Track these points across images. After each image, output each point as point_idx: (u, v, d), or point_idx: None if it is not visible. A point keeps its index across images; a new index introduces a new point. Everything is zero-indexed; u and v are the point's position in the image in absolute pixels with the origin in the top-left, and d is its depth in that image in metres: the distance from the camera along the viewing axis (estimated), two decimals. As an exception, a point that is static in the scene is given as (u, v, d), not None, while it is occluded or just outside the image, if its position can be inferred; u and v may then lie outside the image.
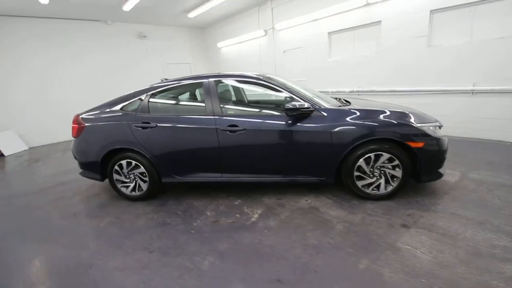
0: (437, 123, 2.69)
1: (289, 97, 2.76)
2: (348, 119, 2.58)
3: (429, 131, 2.53)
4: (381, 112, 2.61)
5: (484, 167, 3.29)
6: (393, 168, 2.59)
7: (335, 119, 2.60)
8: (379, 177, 2.65)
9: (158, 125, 2.89)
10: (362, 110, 2.66)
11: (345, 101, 3.11)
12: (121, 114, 3.05)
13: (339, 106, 2.79)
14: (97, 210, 3.11)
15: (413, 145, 2.48)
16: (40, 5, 5.99)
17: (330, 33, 6.24)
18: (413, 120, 2.56)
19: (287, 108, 2.55)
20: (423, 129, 2.50)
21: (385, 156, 2.54)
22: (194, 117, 2.89)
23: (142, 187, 3.11)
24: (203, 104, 2.90)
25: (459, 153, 3.78)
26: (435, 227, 2.20)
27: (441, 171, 2.64)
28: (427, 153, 2.52)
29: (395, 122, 2.53)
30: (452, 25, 4.43)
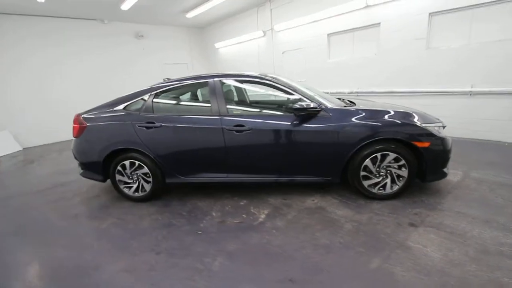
0: (440, 123, 2.72)
1: (295, 97, 2.76)
2: (354, 119, 2.60)
3: (434, 131, 2.56)
4: (386, 112, 2.63)
5: (485, 167, 3.35)
6: (399, 167, 2.60)
7: (341, 119, 2.61)
8: (385, 176, 2.66)
9: (162, 125, 2.85)
10: (367, 110, 2.68)
11: (349, 101, 3.13)
12: (124, 113, 3.00)
13: (344, 106, 2.80)
14: (98, 211, 3.05)
15: (419, 145, 2.50)
16: (37, 3, 5.88)
17: (329, 35, 6.28)
18: (418, 120, 2.58)
19: (295, 108, 2.54)
20: (428, 129, 2.53)
21: (392, 156, 2.56)
22: (200, 117, 2.87)
23: (145, 187, 3.06)
24: (208, 103, 2.88)
25: (459, 153, 3.81)
26: (443, 226, 2.22)
27: (446, 170, 2.67)
28: (433, 152, 2.54)
29: (402, 122, 2.55)
30: (450, 28, 4.50)
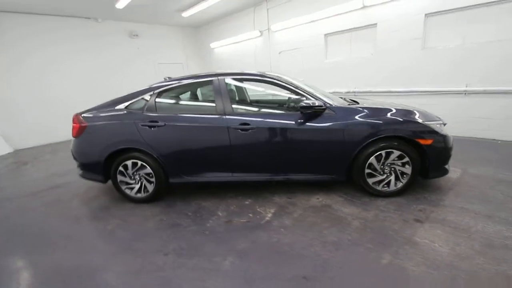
0: (441, 121, 2.78)
1: (299, 95, 2.78)
2: (359, 117, 2.63)
3: (437, 128, 2.61)
4: (389, 110, 2.67)
5: (482, 164, 3.43)
6: (402, 165, 2.65)
7: (346, 118, 2.64)
8: (389, 174, 2.70)
9: (166, 124, 2.82)
10: (371, 108, 2.71)
11: (351, 100, 3.16)
12: (126, 113, 2.95)
13: (348, 105, 2.83)
14: (100, 212, 2.99)
15: (423, 142, 2.55)
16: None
17: (326, 35, 6.33)
18: (421, 118, 2.63)
19: (302, 106, 2.55)
20: (431, 127, 2.58)
21: (396, 153, 2.60)
22: (204, 115, 2.84)
23: (148, 188, 3.01)
24: (212, 102, 2.86)
25: (456, 151, 3.84)
26: (447, 221, 2.27)
27: (447, 167, 2.73)
28: (435, 150, 2.60)
29: (405, 120, 2.60)
30: (446, 28, 4.60)
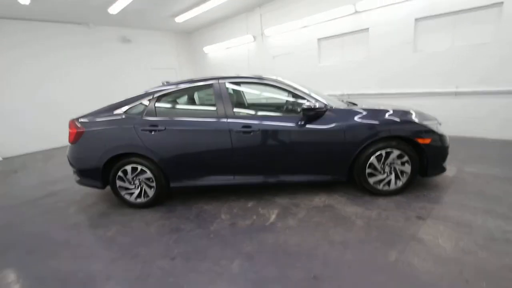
0: (436, 121, 2.87)
1: (301, 98, 2.82)
2: (359, 118, 2.68)
3: (434, 128, 2.69)
4: (388, 111, 2.74)
5: (476, 162, 3.55)
6: (402, 164, 2.71)
7: (347, 119, 2.69)
8: (389, 173, 2.76)
9: (167, 128, 2.80)
10: (371, 110, 2.77)
11: (350, 102, 3.22)
12: (125, 117, 2.91)
13: (347, 106, 2.89)
14: (99, 219, 2.91)
15: (421, 141, 2.62)
16: (19, 5, 5.59)
17: (319, 39, 6.46)
18: (418, 118, 2.71)
19: (304, 108, 2.59)
20: (429, 126, 2.66)
21: (395, 153, 2.66)
22: (206, 119, 2.84)
23: (148, 193, 2.97)
24: (213, 106, 2.87)
25: (450, 150, 4.02)
26: (448, 217, 2.33)
27: (444, 165, 2.82)
28: (434, 149, 2.67)
29: (404, 120, 2.67)
30: (435, 32, 4.78)
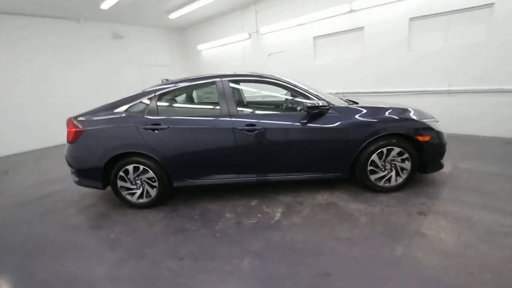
0: (434, 118, 2.95)
1: (303, 96, 2.84)
2: (361, 116, 2.73)
3: (432, 125, 2.77)
4: (389, 109, 2.80)
5: (470, 158, 3.68)
6: (402, 161, 2.78)
7: (349, 117, 2.73)
8: (390, 170, 2.82)
9: (170, 126, 2.77)
10: (372, 108, 2.83)
11: (351, 100, 3.26)
12: (126, 116, 2.86)
13: (348, 104, 2.93)
14: (100, 220, 2.86)
15: (421, 138, 2.70)
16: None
17: (315, 38, 6.50)
18: (418, 116, 2.79)
19: (308, 106, 2.61)
20: (429, 124, 2.74)
21: (396, 150, 2.72)
22: (209, 117, 2.83)
23: (150, 193, 2.93)
24: (216, 104, 2.85)
25: (444, 147, 4.17)
26: (448, 213, 2.41)
27: (442, 162, 2.91)
28: (432, 146, 2.75)
29: (405, 118, 2.74)
30: (429, 32, 4.90)
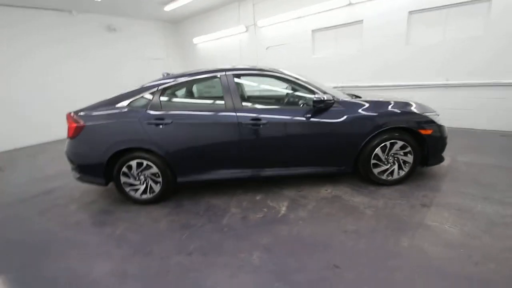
0: (435, 112, 2.99)
1: (308, 90, 2.83)
2: (365, 110, 2.74)
3: (434, 118, 2.81)
4: (392, 103, 2.82)
5: (468, 151, 3.76)
6: (404, 154, 2.82)
7: (353, 111, 2.74)
8: (392, 163, 2.86)
9: (174, 121, 2.73)
10: (375, 102, 2.84)
11: (354, 95, 3.27)
12: (129, 111, 2.81)
13: (352, 99, 2.94)
14: (103, 217, 2.83)
15: (424, 132, 2.74)
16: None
17: (313, 31, 6.45)
18: (420, 110, 2.82)
19: (314, 100, 2.61)
20: (431, 118, 2.77)
21: (399, 143, 2.76)
22: (214, 111, 2.80)
23: (154, 189, 2.91)
24: (220, 98, 2.83)
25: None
26: (450, 204, 2.47)
27: (443, 155, 2.96)
28: (434, 139, 2.80)
29: (408, 112, 2.77)
30: (427, 25, 4.91)
